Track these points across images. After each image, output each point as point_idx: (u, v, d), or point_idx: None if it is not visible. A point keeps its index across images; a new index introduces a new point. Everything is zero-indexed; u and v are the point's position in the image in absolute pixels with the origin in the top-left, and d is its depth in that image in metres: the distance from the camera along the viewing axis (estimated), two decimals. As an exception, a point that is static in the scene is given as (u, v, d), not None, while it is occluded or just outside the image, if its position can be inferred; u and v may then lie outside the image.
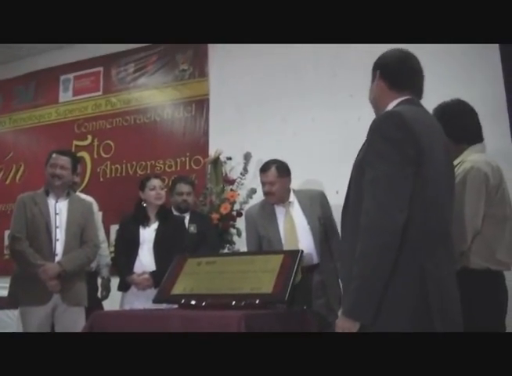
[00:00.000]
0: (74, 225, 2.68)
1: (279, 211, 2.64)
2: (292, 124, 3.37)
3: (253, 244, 2.66)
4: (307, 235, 2.50)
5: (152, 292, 2.44)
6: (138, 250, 2.67)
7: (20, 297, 2.51)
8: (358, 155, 1.45)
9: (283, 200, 2.62)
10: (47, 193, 2.65)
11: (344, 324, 1.29)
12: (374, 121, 1.42)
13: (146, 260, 2.66)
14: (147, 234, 2.71)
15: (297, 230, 2.54)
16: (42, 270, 2.47)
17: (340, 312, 1.33)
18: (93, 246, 2.74)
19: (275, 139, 3.31)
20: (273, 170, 2.62)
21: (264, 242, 2.61)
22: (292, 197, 2.63)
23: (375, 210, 1.27)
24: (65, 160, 2.64)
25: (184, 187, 2.95)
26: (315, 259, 2.51)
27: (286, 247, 2.55)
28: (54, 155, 2.68)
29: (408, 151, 1.30)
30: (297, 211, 2.59)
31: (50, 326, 2.52)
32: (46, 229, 2.60)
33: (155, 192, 2.69)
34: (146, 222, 2.71)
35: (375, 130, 1.39)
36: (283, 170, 2.61)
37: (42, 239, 2.58)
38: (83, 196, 2.92)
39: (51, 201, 2.69)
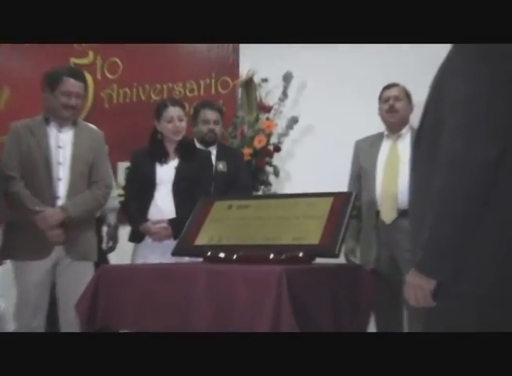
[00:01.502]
0: (82, 161, 2.54)
1: (386, 143, 2.75)
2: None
3: (353, 178, 2.80)
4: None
5: (171, 244, 2.39)
6: (154, 192, 2.58)
7: (14, 250, 2.41)
8: (438, 71, 1.35)
9: (402, 124, 2.72)
10: (47, 122, 2.48)
11: (416, 281, 1.23)
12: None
13: (163, 204, 2.59)
14: (166, 173, 2.62)
15: (400, 166, 2.61)
16: (41, 217, 2.36)
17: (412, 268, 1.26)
18: (104, 187, 2.62)
19: (323, 56, 3.09)
20: (400, 87, 2.75)
21: (362, 174, 2.76)
22: (406, 130, 2.73)
23: (461, 139, 1.18)
24: (81, 87, 2.46)
25: (210, 114, 2.87)
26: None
27: (380, 183, 2.64)
28: (66, 79, 2.48)
29: (508, 68, 1.18)
30: (405, 147, 2.66)
31: (50, 284, 2.45)
32: (46, 166, 2.46)
33: (172, 125, 2.58)
34: (163, 159, 2.62)
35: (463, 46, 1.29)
36: (408, 94, 2.77)
37: (41, 178, 2.44)
38: (91, 125, 2.74)
39: (52, 131, 2.53)
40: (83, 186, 2.55)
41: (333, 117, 3.18)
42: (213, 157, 2.92)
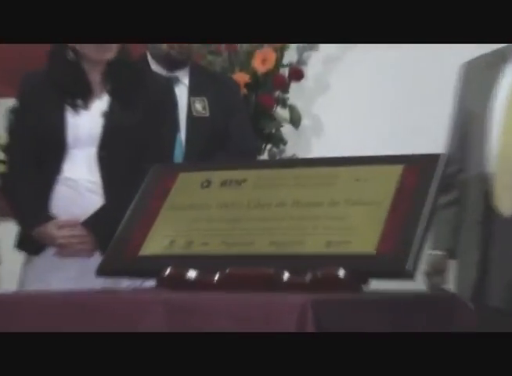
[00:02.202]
0: None
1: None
2: None
3: (454, 135, 2.23)
4: None
5: (93, 259, 1.97)
6: (61, 162, 2.10)
7: None
8: None
9: None
10: None
11: None
12: None
13: (81, 186, 2.10)
14: (85, 126, 2.13)
15: None
16: None
17: None
18: None
19: None
20: None
21: (468, 127, 2.26)
22: None
23: None
24: None
25: None
26: None
27: (498, 144, 2.19)
28: None
29: None
30: None
31: None
32: None
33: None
34: (80, 97, 2.10)
35: None
36: None
37: None
38: None
39: None
40: None
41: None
42: (182, 90, 2.44)
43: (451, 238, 2.21)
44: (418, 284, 1.75)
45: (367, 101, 2.88)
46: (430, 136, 2.57)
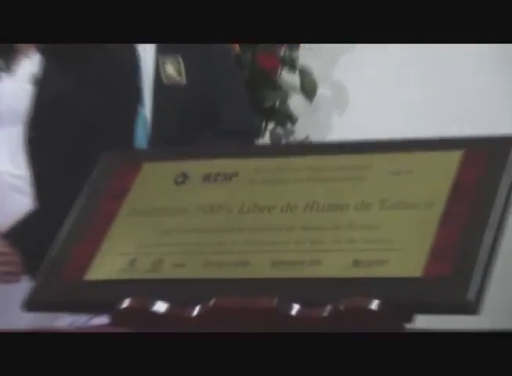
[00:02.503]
0: None
1: None
2: None
3: None
4: None
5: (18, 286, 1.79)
6: None
7: None
8: None
9: None
10: None
11: None
12: None
13: (2, 182, 1.86)
14: (5, 95, 1.89)
15: None
16: None
17: None
18: None
19: None
20: None
21: None
22: None
23: None
24: None
25: None
26: None
27: None
28: None
29: None
30: None
31: None
32: None
33: None
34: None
35: None
36: None
37: None
38: None
39: None
40: None
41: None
42: (147, 47, 2.15)
43: None
44: (482, 321, 1.34)
45: (403, 66, 2.50)
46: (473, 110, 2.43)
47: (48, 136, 1.79)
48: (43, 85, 1.84)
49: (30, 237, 1.69)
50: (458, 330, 1.16)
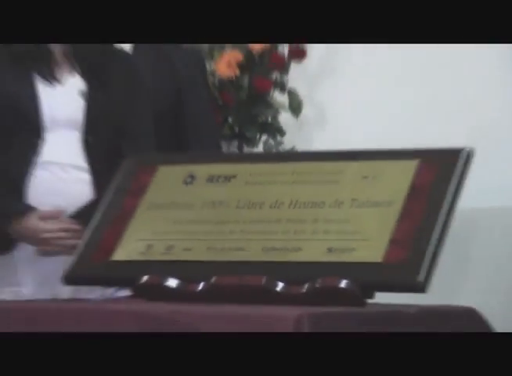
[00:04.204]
0: None
1: None
2: None
3: None
4: None
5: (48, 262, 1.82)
6: (38, 143, 1.84)
7: None
8: None
9: None
10: None
11: None
12: None
13: (67, 172, 1.87)
14: (63, 104, 1.87)
15: None
16: None
17: None
18: None
19: None
20: None
21: None
22: None
23: None
24: None
25: None
26: None
27: None
28: None
29: None
30: None
31: None
32: None
33: None
34: (45, 65, 1.89)
35: None
36: None
37: None
38: None
39: None
40: None
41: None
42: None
43: None
44: (431, 297, 1.47)
45: (378, 87, 2.66)
46: (445, 128, 2.48)
47: (100, 140, 1.84)
48: (91, 99, 1.88)
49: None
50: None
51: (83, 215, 1.78)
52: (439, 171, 1.40)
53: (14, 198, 1.89)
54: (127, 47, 2.20)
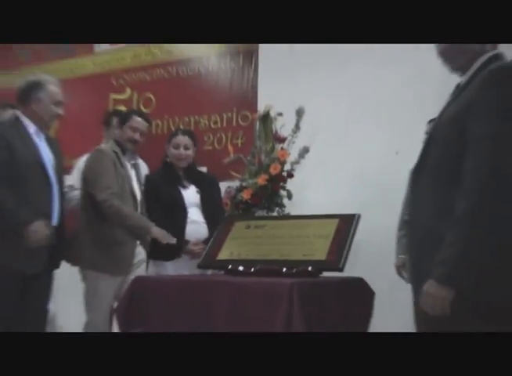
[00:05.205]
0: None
1: None
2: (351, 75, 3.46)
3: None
4: None
5: (191, 262, 2.67)
6: (186, 214, 2.78)
7: (101, 262, 2.73)
8: (448, 107, 1.54)
9: None
10: (123, 152, 2.93)
11: (437, 292, 1.39)
12: (491, 72, 1.49)
13: (199, 224, 2.79)
14: (191, 196, 2.84)
15: None
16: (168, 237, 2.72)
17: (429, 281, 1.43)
18: None
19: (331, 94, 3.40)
20: None
21: None
22: None
23: (490, 170, 1.35)
24: (145, 126, 2.95)
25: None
26: None
27: None
28: (135, 117, 2.95)
29: None
30: None
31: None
32: (131, 193, 2.86)
33: (177, 151, 2.83)
34: (179, 182, 2.84)
35: (491, 81, 1.46)
36: None
37: (130, 203, 2.82)
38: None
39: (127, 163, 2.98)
40: None
41: (344, 150, 3.39)
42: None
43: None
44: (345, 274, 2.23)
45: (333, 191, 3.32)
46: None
47: (206, 210, 2.85)
48: (202, 194, 2.83)
49: None
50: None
51: (205, 242, 2.61)
52: (346, 223, 2.21)
53: (181, 237, 2.75)
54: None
